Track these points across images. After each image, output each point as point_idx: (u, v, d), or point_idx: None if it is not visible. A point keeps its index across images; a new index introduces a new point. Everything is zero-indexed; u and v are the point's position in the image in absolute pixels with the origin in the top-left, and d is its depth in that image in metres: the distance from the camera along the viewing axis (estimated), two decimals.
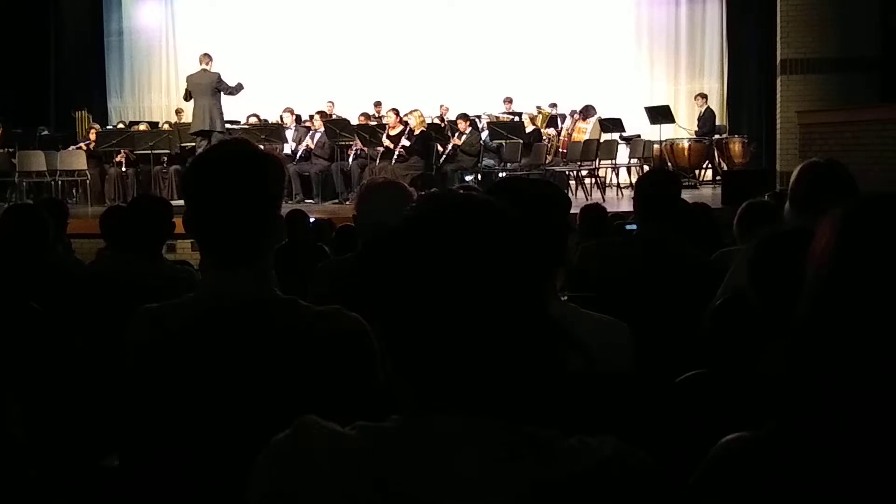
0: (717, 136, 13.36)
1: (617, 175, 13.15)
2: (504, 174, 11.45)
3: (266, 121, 13.47)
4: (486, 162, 12.18)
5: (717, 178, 12.65)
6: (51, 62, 15.83)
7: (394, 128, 11.69)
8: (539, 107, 13.88)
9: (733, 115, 14.66)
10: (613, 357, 1.83)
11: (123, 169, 12.48)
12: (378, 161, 11.50)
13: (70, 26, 16.29)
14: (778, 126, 11.33)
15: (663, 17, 15.87)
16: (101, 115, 16.04)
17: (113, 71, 17.34)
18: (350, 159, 12.12)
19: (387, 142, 11.56)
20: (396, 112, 11.93)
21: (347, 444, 0.97)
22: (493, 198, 1.04)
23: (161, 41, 17.34)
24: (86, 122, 14.73)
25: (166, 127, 13.57)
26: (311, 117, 12.96)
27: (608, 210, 6.33)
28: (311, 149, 12.40)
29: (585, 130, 13.21)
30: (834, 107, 10.02)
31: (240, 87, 11.23)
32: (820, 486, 0.91)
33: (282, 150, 12.13)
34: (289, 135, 12.77)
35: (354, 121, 12.68)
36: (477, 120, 12.83)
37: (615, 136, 13.09)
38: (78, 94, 15.87)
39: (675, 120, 13.51)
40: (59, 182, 12.05)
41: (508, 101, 14.04)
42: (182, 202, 1.64)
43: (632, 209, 3.59)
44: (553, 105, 14.13)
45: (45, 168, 11.98)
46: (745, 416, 1.13)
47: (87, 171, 12.17)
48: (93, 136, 12.93)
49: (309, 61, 16.16)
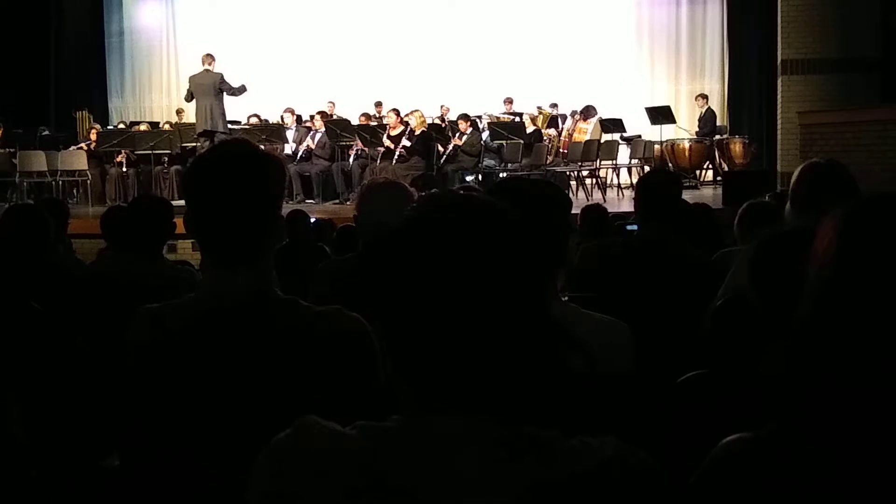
0: (717, 137, 13.36)
1: (618, 175, 13.15)
2: (505, 174, 11.45)
3: (267, 121, 13.48)
4: (487, 162, 12.18)
5: (718, 178, 12.65)
6: (51, 62, 15.84)
7: (394, 128, 11.69)
8: (540, 107, 13.88)
9: (734, 115, 14.67)
10: (614, 357, 1.83)
11: (124, 169, 12.48)
12: (379, 161, 11.50)
13: (71, 26, 16.31)
14: (779, 126, 11.33)
15: (664, 18, 15.87)
16: (102, 116, 16.05)
17: (114, 71, 17.36)
18: (351, 159, 12.12)
19: (387, 142, 11.56)
20: (397, 112, 11.94)
21: (348, 444, 0.97)
22: (493, 198, 1.04)
23: (162, 41, 17.36)
24: (86, 122, 14.73)
25: (167, 127, 13.58)
26: (312, 117, 12.98)
27: (609, 210, 6.33)
28: (312, 149, 12.40)
29: (586, 131, 13.22)
30: (835, 107, 10.02)
31: (243, 89, 11.22)
32: (821, 487, 0.91)
33: (282, 150, 12.13)
34: (289, 135, 12.78)
35: (355, 121, 12.69)
36: (478, 120, 12.83)
37: (616, 136, 13.10)
38: (79, 95, 15.87)
39: (676, 120, 13.51)
40: (60, 182, 12.05)
41: (509, 102, 14.05)
42: (183, 202, 1.64)
43: (632, 210, 3.59)
44: (554, 105, 14.13)
45: (45, 168, 11.99)
46: (745, 416, 1.13)
47: (88, 172, 12.18)
48: (93, 137, 12.94)
49: (310, 61, 16.16)
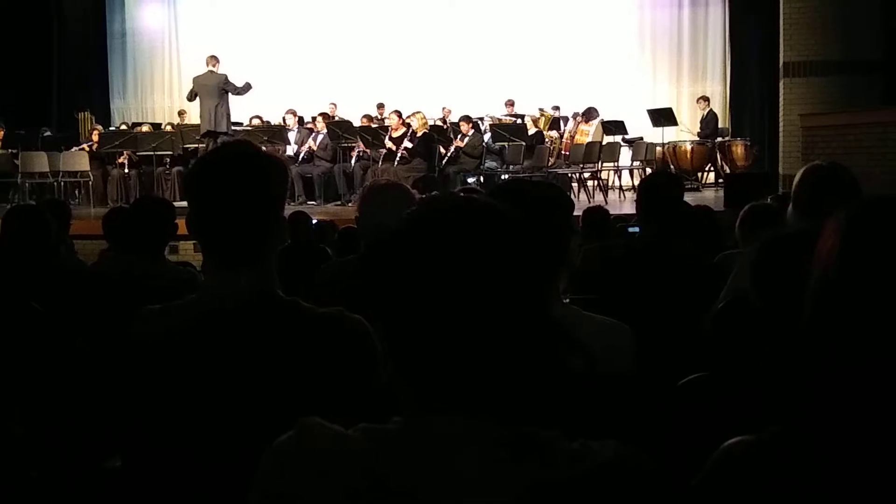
0: (719, 139, 13.37)
1: (619, 177, 13.15)
2: (506, 176, 11.45)
3: (269, 122, 13.49)
4: (489, 164, 12.18)
5: (720, 180, 12.66)
6: (53, 63, 15.85)
7: (396, 130, 11.69)
8: (542, 109, 13.89)
9: (736, 117, 14.67)
10: (615, 359, 1.83)
11: (126, 170, 12.48)
12: (380, 163, 11.49)
13: (73, 27, 16.33)
14: (780, 129, 11.33)
15: (666, 20, 15.88)
16: (104, 117, 16.07)
17: (116, 72, 17.38)
18: (352, 161, 12.12)
19: (389, 144, 11.56)
20: (399, 114, 11.94)
21: (350, 445, 0.97)
22: (494, 200, 1.04)
23: (164, 42, 17.38)
24: (88, 123, 14.73)
25: (169, 128, 13.59)
26: (314, 119, 12.99)
27: (610, 212, 6.33)
28: (314, 150, 12.41)
29: (588, 133, 13.23)
30: (836, 109, 10.02)
31: (248, 87, 11.22)
32: (823, 490, 0.91)
33: (284, 151, 12.13)
34: (291, 136, 12.79)
35: (357, 123, 12.69)
36: (479, 122, 12.83)
37: (618, 138, 13.10)
38: (81, 96, 15.88)
39: (678, 122, 13.51)
40: (62, 183, 12.05)
41: (511, 104, 14.06)
42: (185, 203, 1.64)
43: (634, 212, 3.59)
44: (556, 107, 14.14)
45: (47, 169, 11.99)
46: (747, 419, 1.13)
47: (90, 173, 12.17)
48: (95, 138, 12.94)
49: (312, 63, 16.18)
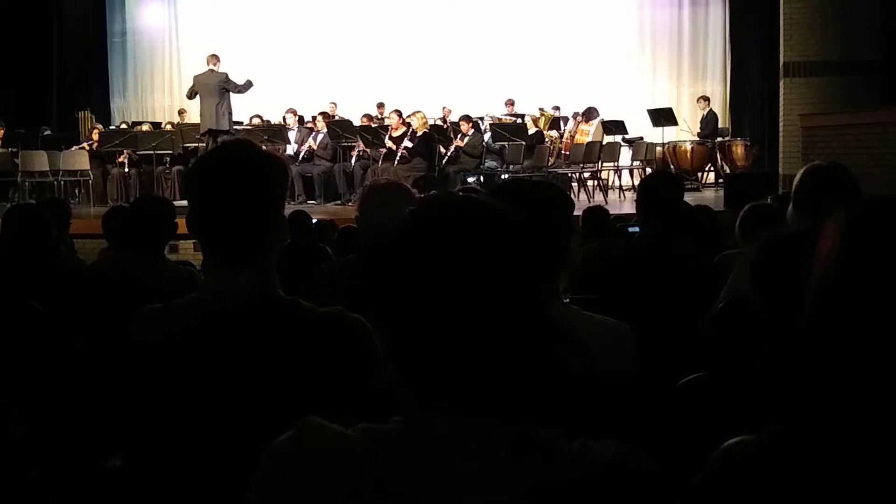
0: (719, 139, 13.37)
1: (619, 177, 13.15)
2: (506, 176, 11.45)
3: (269, 122, 13.49)
4: (489, 164, 12.18)
5: (720, 180, 12.66)
6: (53, 62, 15.85)
7: (396, 129, 11.69)
8: (542, 108, 13.89)
9: (736, 117, 14.67)
10: (615, 359, 1.83)
11: (126, 169, 12.49)
12: (381, 162, 11.49)
13: (73, 26, 16.33)
14: (780, 129, 11.33)
15: (666, 20, 15.88)
16: (104, 116, 16.07)
17: (116, 71, 17.37)
18: (353, 160, 12.12)
19: (389, 143, 11.56)
20: (399, 113, 11.93)
21: (350, 445, 0.97)
22: (492, 199, 1.04)
23: (164, 42, 17.37)
24: (88, 122, 14.73)
25: (169, 127, 13.59)
26: (314, 118, 12.99)
27: (610, 212, 6.33)
28: (314, 150, 12.41)
29: (588, 132, 13.22)
30: (836, 110, 10.02)
31: (249, 85, 11.22)
32: (823, 490, 0.91)
33: (284, 150, 12.13)
34: (291, 136, 12.78)
35: (357, 122, 12.69)
36: (479, 122, 12.83)
37: (618, 138, 13.09)
38: (81, 95, 15.88)
39: (678, 122, 13.51)
40: (62, 182, 12.04)
41: (511, 103, 14.05)
42: (185, 202, 1.64)
43: (634, 211, 3.59)
44: (556, 107, 14.14)
45: (47, 168, 11.98)
46: (747, 419, 1.13)
47: (90, 172, 12.17)
48: (95, 137, 12.94)
49: (312, 62, 16.18)
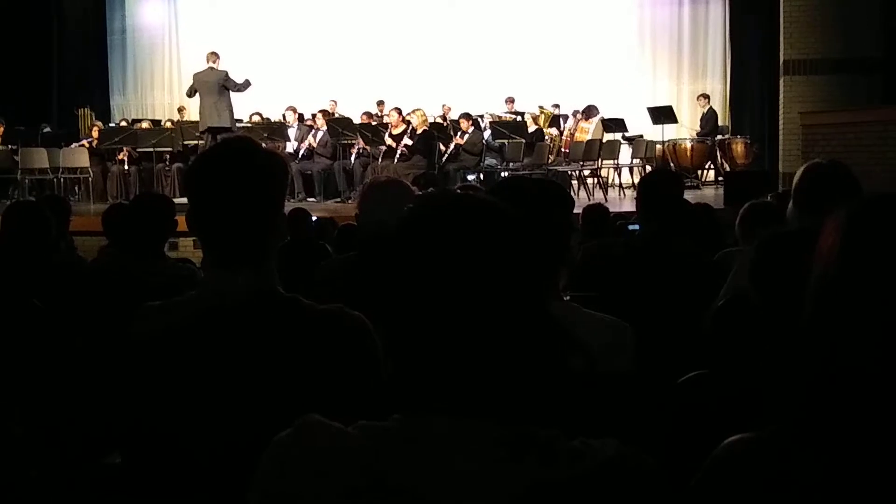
0: (719, 137, 13.37)
1: (619, 175, 13.15)
2: (506, 174, 11.45)
3: (269, 119, 13.49)
4: (489, 161, 12.18)
5: (720, 178, 12.65)
6: (53, 60, 15.83)
7: (396, 127, 11.69)
8: (542, 106, 13.88)
9: (736, 115, 14.67)
10: (615, 357, 1.83)
11: (126, 167, 12.48)
12: (380, 160, 11.49)
13: (73, 24, 16.31)
14: (780, 127, 11.32)
15: (666, 18, 15.87)
16: (104, 113, 16.05)
17: (116, 68, 17.36)
18: (352, 158, 12.12)
19: (389, 141, 11.55)
20: (399, 111, 11.93)
21: (349, 443, 0.97)
22: (490, 196, 1.04)
23: (164, 39, 17.36)
24: (88, 119, 14.73)
25: (169, 125, 13.58)
26: (314, 116, 12.98)
27: (610, 210, 6.32)
28: (314, 147, 12.41)
29: (588, 130, 13.22)
30: (836, 108, 10.02)
31: (247, 84, 11.21)
32: (823, 488, 0.91)
33: (284, 148, 12.13)
34: (291, 133, 12.78)
35: (357, 119, 12.69)
36: (479, 119, 12.83)
37: (618, 136, 13.10)
38: (80, 92, 15.87)
39: (678, 120, 13.50)
40: (62, 179, 12.04)
41: (511, 101, 14.05)
42: (184, 200, 1.63)
43: (634, 209, 3.59)
44: (556, 105, 14.13)
45: (47, 165, 11.97)
46: (747, 417, 1.13)
47: (90, 169, 12.17)
48: (95, 134, 12.95)
49: (312, 60, 16.17)
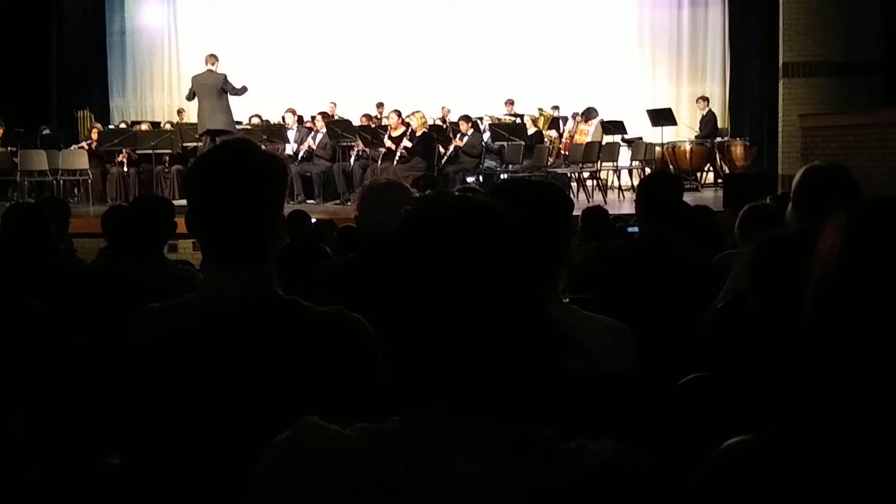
0: (718, 139, 13.38)
1: (618, 177, 13.16)
2: (506, 176, 11.45)
3: (268, 121, 13.50)
4: (488, 163, 12.19)
5: (719, 180, 12.66)
6: (53, 62, 15.85)
7: (396, 129, 11.69)
8: (541, 108, 13.89)
9: (735, 117, 14.68)
10: (614, 359, 1.83)
11: (125, 168, 12.48)
12: (380, 162, 11.49)
13: (72, 26, 16.32)
14: (780, 129, 11.32)
15: (665, 20, 15.88)
16: (103, 115, 16.07)
17: (115, 70, 17.38)
18: (352, 160, 12.12)
19: (388, 143, 11.55)
20: (398, 113, 11.93)
21: (348, 444, 0.97)
22: (489, 199, 1.04)
23: (163, 41, 17.38)
24: (88, 121, 14.74)
25: (168, 127, 13.59)
26: (314, 118, 12.99)
27: (610, 212, 6.33)
28: (313, 149, 12.41)
29: (587, 132, 13.22)
30: (836, 110, 10.01)
31: (244, 90, 11.22)
32: (823, 490, 0.91)
33: (284, 150, 12.13)
34: (291, 135, 12.78)
35: (356, 122, 12.69)
36: (479, 121, 12.84)
37: (617, 138, 13.10)
38: (80, 94, 15.89)
39: (677, 122, 13.51)
40: (61, 181, 12.04)
41: (510, 103, 14.06)
42: (184, 202, 1.63)
43: (633, 211, 3.59)
44: (555, 107, 14.14)
45: (46, 167, 11.97)
46: (746, 419, 1.13)
47: (89, 171, 12.17)
48: (94, 136, 12.94)
49: (311, 62, 16.18)
